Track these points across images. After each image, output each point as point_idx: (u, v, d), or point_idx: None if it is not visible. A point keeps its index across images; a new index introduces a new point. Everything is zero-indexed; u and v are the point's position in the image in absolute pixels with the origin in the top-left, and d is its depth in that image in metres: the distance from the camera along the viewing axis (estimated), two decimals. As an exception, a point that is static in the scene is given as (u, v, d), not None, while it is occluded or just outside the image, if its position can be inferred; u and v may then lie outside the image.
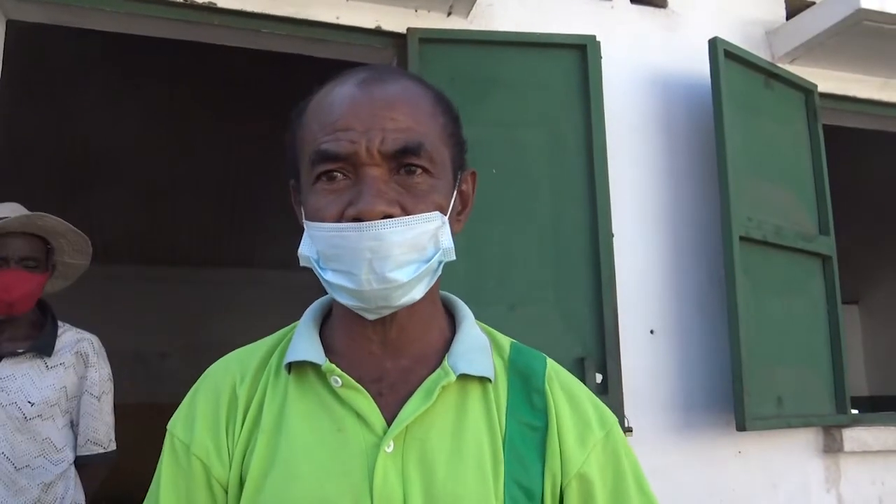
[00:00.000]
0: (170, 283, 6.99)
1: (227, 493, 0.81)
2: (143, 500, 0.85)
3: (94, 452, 2.15)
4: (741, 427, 2.62)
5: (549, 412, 0.82)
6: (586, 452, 0.81)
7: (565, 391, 0.85)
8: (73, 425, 2.15)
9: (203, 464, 0.81)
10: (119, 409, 2.27)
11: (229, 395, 0.83)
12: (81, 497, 2.13)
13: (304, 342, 0.83)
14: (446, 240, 0.78)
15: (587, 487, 0.81)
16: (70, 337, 2.16)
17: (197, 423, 0.83)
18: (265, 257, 6.99)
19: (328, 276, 0.77)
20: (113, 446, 2.21)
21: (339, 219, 0.75)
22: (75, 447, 2.14)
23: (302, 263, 0.80)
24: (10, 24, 2.49)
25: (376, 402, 0.79)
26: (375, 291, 0.75)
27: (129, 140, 4.99)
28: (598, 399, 0.88)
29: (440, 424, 0.79)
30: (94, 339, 2.21)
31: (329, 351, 0.83)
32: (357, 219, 0.73)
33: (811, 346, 2.98)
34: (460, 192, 0.85)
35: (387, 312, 0.78)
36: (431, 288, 0.81)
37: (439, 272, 0.80)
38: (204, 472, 0.81)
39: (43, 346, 2.09)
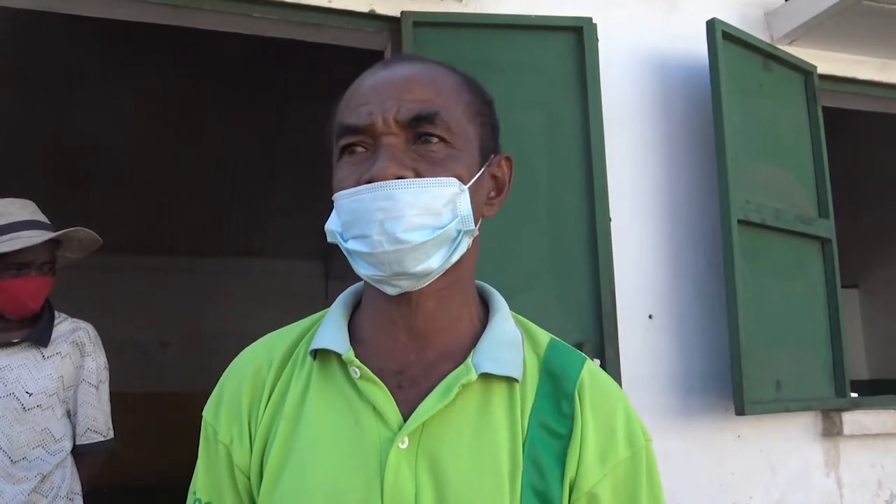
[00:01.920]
0: (170, 273, 7.01)
1: (249, 479, 0.81)
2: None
3: (94, 441, 2.16)
4: (740, 411, 2.61)
5: (575, 420, 0.78)
6: (604, 472, 0.78)
7: (599, 400, 0.81)
8: (70, 415, 2.15)
9: (227, 450, 0.82)
10: (119, 399, 2.27)
11: (252, 380, 0.83)
12: (78, 486, 2.13)
13: (330, 329, 0.82)
14: (465, 207, 0.76)
15: None
16: (66, 326, 2.15)
17: (222, 410, 0.84)
18: (264, 247, 6.99)
19: (349, 245, 0.76)
20: (111, 434, 2.21)
21: (357, 185, 0.75)
22: (73, 436, 2.14)
23: (329, 239, 0.80)
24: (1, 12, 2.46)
25: (395, 395, 0.77)
26: (388, 254, 0.73)
27: (128, 132, 4.97)
28: (634, 414, 0.83)
29: (459, 424, 0.76)
30: (90, 327, 2.21)
31: (355, 339, 0.82)
32: (371, 181, 0.74)
33: (810, 330, 2.96)
34: (494, 178, 0.85)
35: (406, 284, 0.76)
36: (462, 272, 0.80)
37: (462, 246, 0.77)
38: (228, 458, 0.82)
39: (39, 337, 2.08)
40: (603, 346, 2.56)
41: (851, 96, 3.45)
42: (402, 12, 2.61)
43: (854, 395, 3.10)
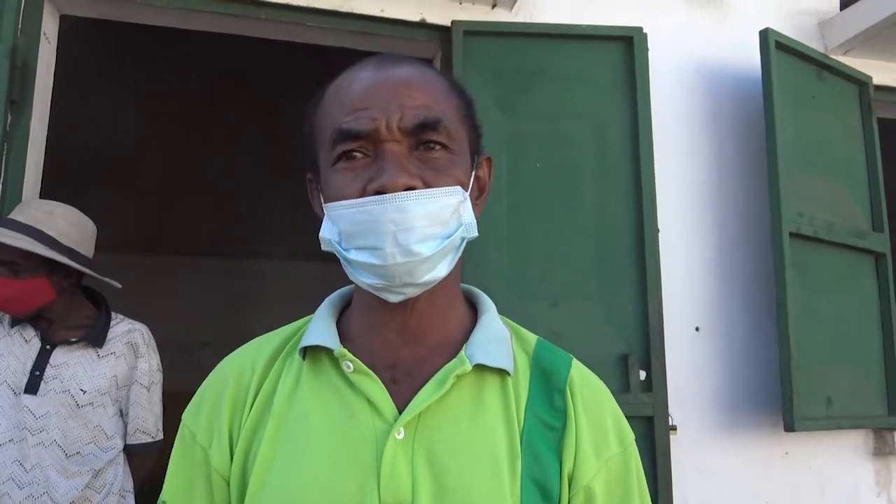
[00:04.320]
0: (211, 273, 7.10)
1: (228, 484, 0.80)
2: None
3: (143, 441, 2.19)
4: (790, 428, 2.56)
5: (568, 414, 0.80)
6: (598, 466, 0.79)
7: (588, 397, 0.82)
8: (123, 414, 2.19)
9: (205, 453, 0.81)
10: (163, 398, 2.30)
11: (236, 383, 0.83)
12: (130, 484, 2.18)
13: (319, 328, 0.82)
14: (468, 215, 0.78)
15: (591, 502, 0.78)
16: (122, 328, 2.20)
17: (203, 413, 0.83)
18: (307, 248, 7.04)
19: (351, 255, 0.75)
20: (160, 435, 2.24)
21: (362, 195, 0.74)
22: (125, 436, 2.18)
23: (323, 247, 0.79)
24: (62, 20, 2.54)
25: (390, 388, 0.78)
26: (400, 266, 0.73)
27: (162, 134, 5.03)
28: (620, 412, 0.85)
29: (454, 415, 0.77)
30: (145, 329, 2.25)
31: (345, 338, 0.82)
32: (379, 192, 0.73)
33: (862, 346, 2.90)
34: (477, 178, 0.84)
35: (411, 292, 0.76)
36: (452, 274, 0.80)
37: (461, 251, 0.78)
38: (205, 461, 0.81)
39: (95, 337, 2.13)
40: (649, 358, 2.54)
41: (908, 107, 3.38)
42: (453, 21, 2.63)
43: (907, 413, 3.02)
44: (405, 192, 0.72)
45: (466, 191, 0.78)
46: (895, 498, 2.92)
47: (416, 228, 0.72)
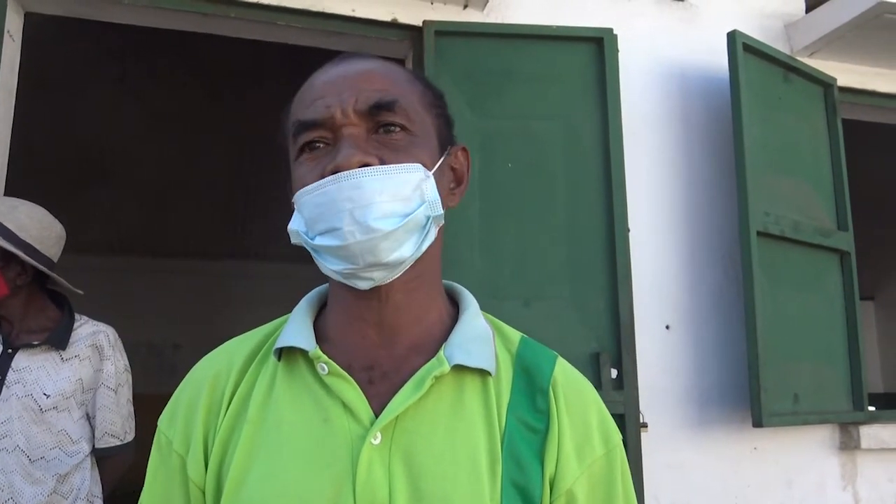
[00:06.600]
0: (185, 275, 7.04)
1: (203, 491, 0.78)
2: None
3: (112, 445, 2.15)
4: (758, 423, 2.60)
5: (551, 416, 0.77)
6: (581, 469, 0.77)
7: (572, 397, 0.80)
8: (90, 418, 2.16)
9: (182, 460, 0.79)
10: (133, 401, 2.26)
11: (211, 387, 0.81)
12: (98, 489, 2.14)
13: (295, 328, 0.80)
14: (431, 192, 0.76)
15: None
16: (86, 329, 2.15)
17: (178, 419, 0.81)
18: (281, 250, 7.01)
19: (316, 242, 0.74)
20: (129, 437, 2.20)
21: (321, 179, 0.74)
22: (92, 439, 2.15)
23: (293, 240, 0.78)
24: (28, 18, 2.50)
25: (366, 390, 0.76)
26: (361, 244, 0.72)
27: (140, 135, 5.00)
28: (606, 412, 0.83)
29: (433, 417, 0.75)
30: (111, 330, 2.20)
31: (322, 338, 0.80)
32: (335, 172, 0.73)
33: (828, 343, 2.95)
34: (453, 169, 0.84)
35: (378, 276, 0.75)
36: (428, 264, 0.79)
37: (431, 234, 0.77)
38: (182, 469, 0.79)
39: (57, 340, 2.08)
40: (620, 356, 2.56)
41: (871, 108, 3.44)
42: (424, 21, 2.63)
43: (871, 408, 3.08)
44: (360, 169, 0.72)
45: (430, 171, 0.77)
46: (860, 491, 2.98)
47: (375, 204, 0.71)
